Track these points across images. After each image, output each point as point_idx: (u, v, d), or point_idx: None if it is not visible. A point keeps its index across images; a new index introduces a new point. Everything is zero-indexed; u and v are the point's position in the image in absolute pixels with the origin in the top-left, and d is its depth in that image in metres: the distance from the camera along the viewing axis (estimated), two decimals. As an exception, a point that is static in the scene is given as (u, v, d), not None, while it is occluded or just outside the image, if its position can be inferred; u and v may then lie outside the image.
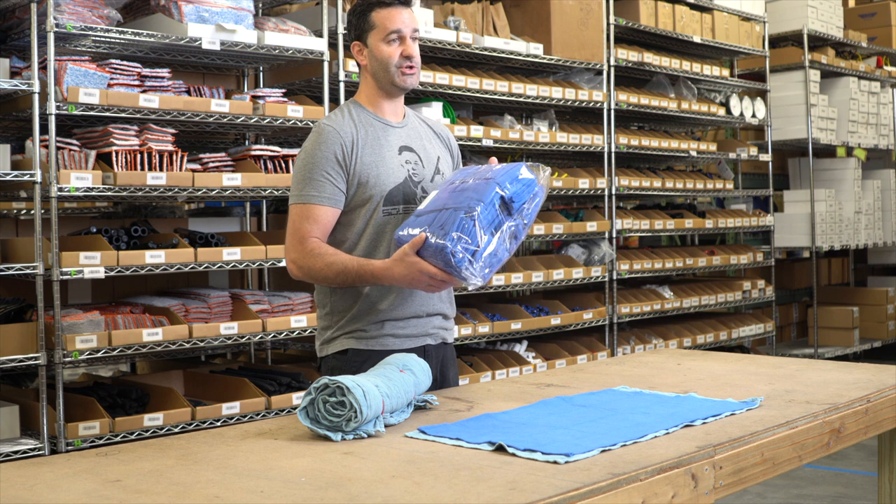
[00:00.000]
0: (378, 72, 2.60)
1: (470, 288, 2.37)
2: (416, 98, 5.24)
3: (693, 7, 6.76)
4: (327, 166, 2.51)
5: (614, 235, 6.02)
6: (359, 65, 2.66)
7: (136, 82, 4.04)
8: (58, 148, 3.84)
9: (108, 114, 3.90)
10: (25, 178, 3.71)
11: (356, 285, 2.50)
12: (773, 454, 2.06)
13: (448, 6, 5.41)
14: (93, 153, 3.90)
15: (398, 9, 2.58)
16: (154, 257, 3.93)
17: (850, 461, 5.44)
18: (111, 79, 3.94)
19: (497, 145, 5.37)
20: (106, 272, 3.81)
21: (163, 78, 4.12)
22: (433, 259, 2.30)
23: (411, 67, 2.59)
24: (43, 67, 3.78)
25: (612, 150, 6.03)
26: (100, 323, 3.88)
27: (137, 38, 4.02)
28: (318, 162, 2.52)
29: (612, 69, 6.02)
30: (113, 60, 4.01)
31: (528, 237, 5.57)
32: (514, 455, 1.85)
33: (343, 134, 2.54)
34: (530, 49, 5.54)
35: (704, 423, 2.12)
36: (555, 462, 1.79)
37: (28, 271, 3.71)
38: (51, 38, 3.75)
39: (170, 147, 4.05)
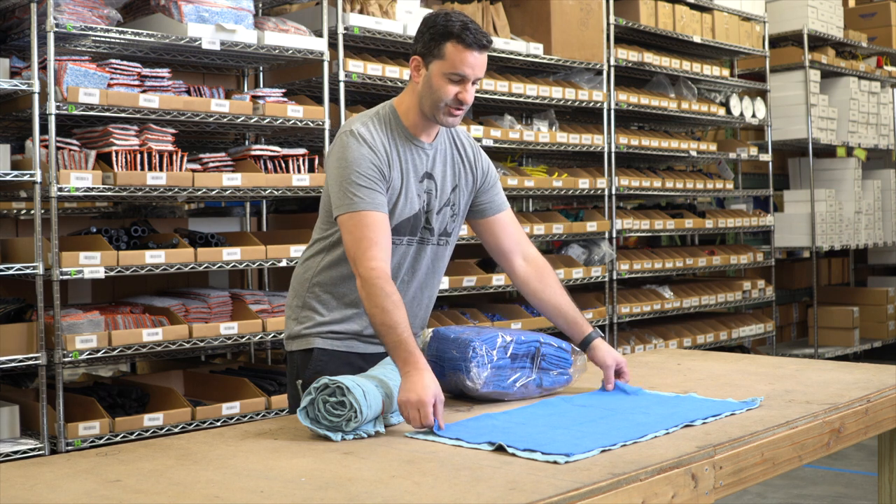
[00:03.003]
0: (425, 99, 2.44)
1: (467, 392, 2.40)
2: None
3: (693, 7, 6.75)
4: (372, 173, 2.38)
5: (614, 235, 6.02)
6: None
7: (136, 82, 4.04)
8: (58, 148, 3.84)
9: (108, 114, 3.90)
10: (25, 178, 3.71)
11: (379, 338, 2.32)
12: (773, 454, 2.06)
13: (448, 6, 5.42)
14: (93, 153, 3.90)
15: (474, 52, 2.40)
16: (154, 257, 3.93)
17: (850, 461, 5.43)
18: (111, 79, 3.95)
19: (497, 145, 5.37)
20: (106, 272, 3.81)
21: (163, 78, 4.12)
22: (451, 349, 2.38)
23: (459, 111, 2.45)
24: (43, 67, 3.78)
25: (612, 150, 6.03)
26: (100, 323, 3.88)
27: (137, 38, 4.02)
28: (364, 170, 2.37)
29: (612, 69, 6.02)
30: (113, 60, 4.01)
31: (529, 236, 5.55)
32: (514, 455, 1.85)
33: (378, 150, 2.41)
34: (530, 49, 5.54)
35: (704, 423, 2.12)
36: (555, 462, 1.79)
37: (28, 271, 3.71)
38: (51, 38, 3.75)
39: (170, 147, 4.05)
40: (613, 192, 6.03)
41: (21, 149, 4.09)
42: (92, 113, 3.85)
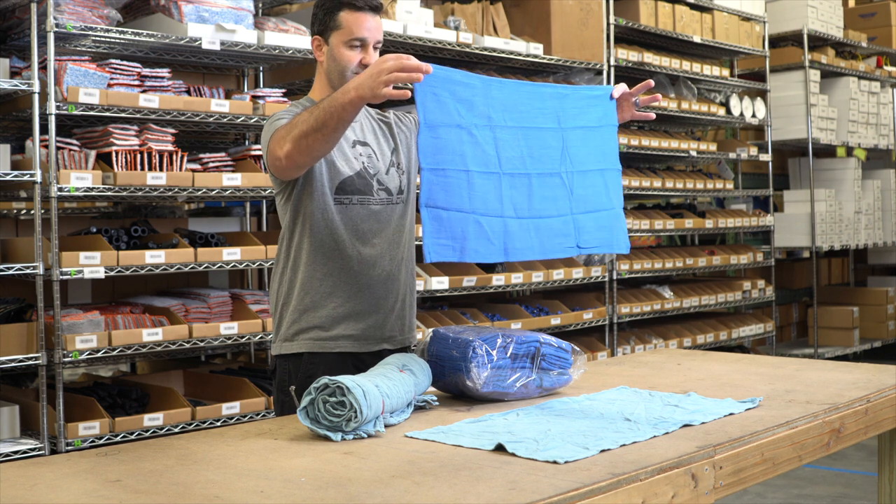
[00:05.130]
0: (333, 73, 2.54)
1: (467, 392, 2.38)
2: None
3: (693, 7, 6.75)
4: (291, 116, 2.45)
5: (614, 235, 6.01)
6: (315, 59, 2.60)
7: (136, 82, 4.04)
8: (58, 148, 3.84)
9: (108, 114, 3.90)
10: (25, 178, 3.72)
11: (329, 114, 2.25)
12: (773, 454, 2.06)
13: (448, 6, 5.41)
14: (93, 153, 3.90)
15: (367, 15, 2.51)
16: (154, 257, 3.93)
17: (850, 461, 5.44)
18: (111, 79, 3.95)
19: (497, 145, 5.36)
20: (106, 272, 3.81)
21: (163, 78, 4.12)
22: (451, 349, 2.37)
23: None
24: (43, 67, 3.78)
25: (612, 150, 6.03)
26: (100, 323, 3.88)
27: (137, 38, 4.02)
28: (282, 116, 2.47)
29: (612, 69, 6.02)
30: (113, 60, 4.01)
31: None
32: (514, 455, 1.85)
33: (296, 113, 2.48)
34: (530, 49, 5.54)
35: (704, 423, 2.12)
36: (555, 462, 1.79)
37: (28, 271, 3.71)
38: (51, 38, 3.75)
39: (170, 147, 4.05)
40: (613, 192, 6.02)
41: (21, 149, 4.09)
42: (92, 113, 3.85)
